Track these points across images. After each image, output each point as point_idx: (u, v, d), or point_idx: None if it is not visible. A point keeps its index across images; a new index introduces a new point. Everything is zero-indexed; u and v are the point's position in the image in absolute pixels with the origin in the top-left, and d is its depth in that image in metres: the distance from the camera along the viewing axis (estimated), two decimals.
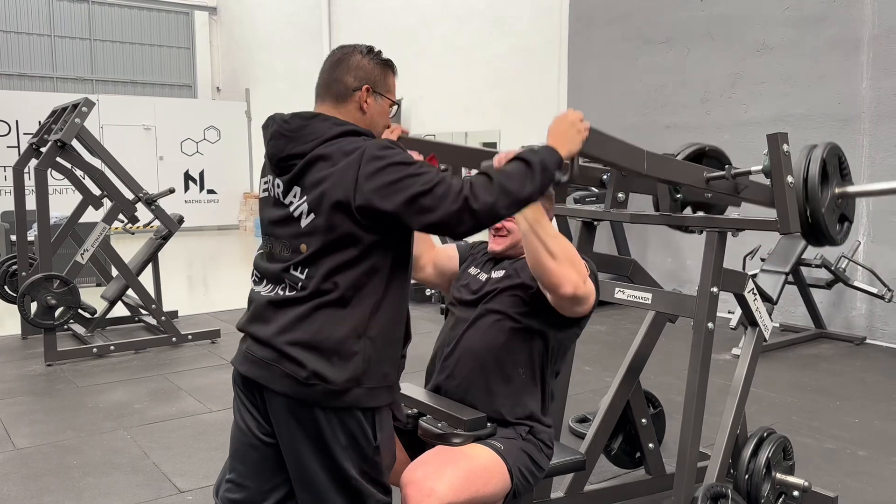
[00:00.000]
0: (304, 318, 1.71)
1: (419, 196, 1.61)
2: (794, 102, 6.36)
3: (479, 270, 2.25)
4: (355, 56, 1.85)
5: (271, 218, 1.81)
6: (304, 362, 1.69)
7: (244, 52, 15.44)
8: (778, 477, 2.75)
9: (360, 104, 1.81)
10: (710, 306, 2.40)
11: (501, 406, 2.09)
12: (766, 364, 5.23)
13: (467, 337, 2.15)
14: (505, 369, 2.09)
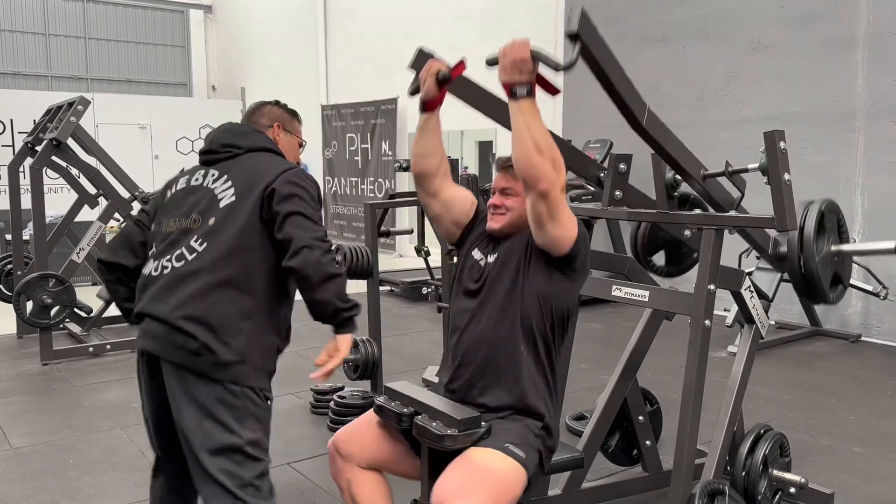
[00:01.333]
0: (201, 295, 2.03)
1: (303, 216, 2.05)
2: (790, 100, 6.37)
3: (480, 255, 2.25)
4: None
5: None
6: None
7: (240, 51, 15.41)
8: (775, 474, 2.76)
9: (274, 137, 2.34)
10: (708, 304, 2.40)
11: (512, 394, 2.11)
12: (762, 361, 5.24)
13: (471, 328, 2.17)
14: (510, 354, 2.11)
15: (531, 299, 2.10)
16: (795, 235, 2.55)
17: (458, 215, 2.32)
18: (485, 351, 2.14)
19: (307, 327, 6.41)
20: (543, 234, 2.03)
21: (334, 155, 12.30)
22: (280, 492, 3.16)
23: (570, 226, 2.03)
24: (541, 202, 1.95)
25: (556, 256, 2.07)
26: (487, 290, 2.18)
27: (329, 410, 3.96)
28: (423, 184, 2.28)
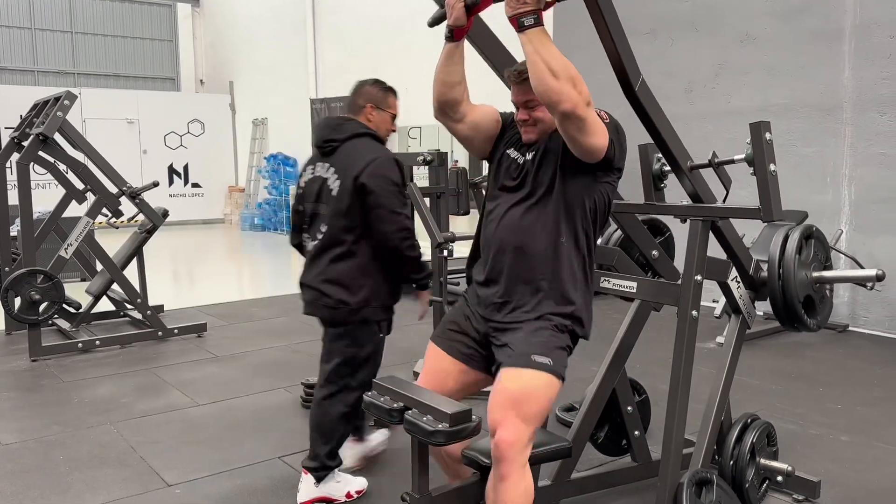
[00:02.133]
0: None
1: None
2: (777, 92, 6.40)
3: (517, 153, 2.29)
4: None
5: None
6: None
7: (228, 45, 15.33)
8: (762, 462, 2.79)
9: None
10: (695, 294, 2.42)
11: (549, 281, 2.18)
12: (750, 352, 5.28)
13: (511, 219, 2.23)
14: (551, 244, 2.18)
15: (573, 193, 2.17)
16: (776, 260, 2.58)
17: (487, 132, 2.36)
18: (524, 239, 2.20)
19: (297, 322, 6.44)
20: (577, 147, 2.07)
21: None
22: (271, 485, 3.18)
23: (601, 133, 2.05)
24: (567, 122, 1.97)
25: (593, 163, 2.12)
26: (528, 184, 2.23)
27: None
28: (449, 112, 2.29)
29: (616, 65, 2.21)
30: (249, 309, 6.89)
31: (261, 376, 4.77)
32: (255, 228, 13.85)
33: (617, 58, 2.19)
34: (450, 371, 2.36)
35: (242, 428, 3.87)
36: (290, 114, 13.26)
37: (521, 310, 2.22)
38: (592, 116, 2.00)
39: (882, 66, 5.75)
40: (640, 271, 3.06)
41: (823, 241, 2.67)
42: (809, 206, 6.00)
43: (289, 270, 10.31)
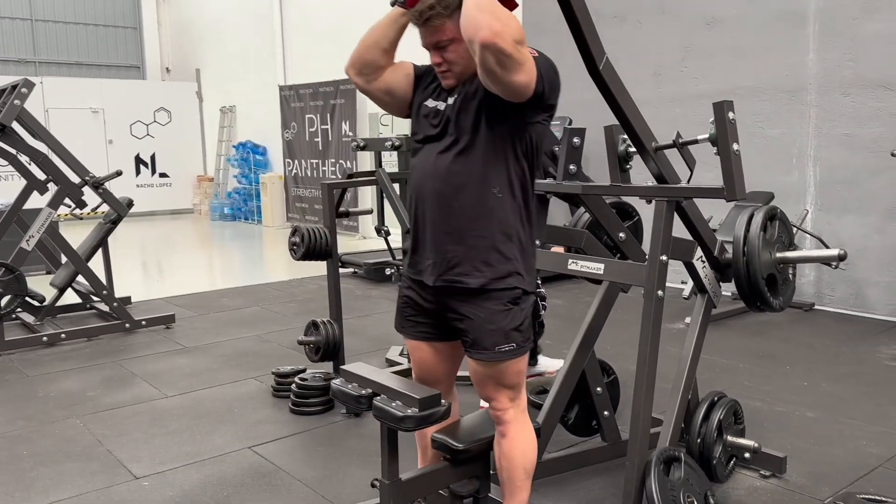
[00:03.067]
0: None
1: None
2: (743, 75, 6.45)
3: (435, 102, 2.17)
4: None
5: None
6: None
7: (194, 32, 15.05)
8: (729, 439, 2.82)
9: None
10: (660, 274, 2.43)
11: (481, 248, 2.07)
12: (718, 332, 5.35)
13: (436, 171, 2.10)
14: (479, 196, 2.06)
15: (500, 137, 2.04)
16: (741, 240, 2.59)
17: (403, 94, 2.24)
18: (452, 192, 2.07)
19: (268, 311, 6.38)
20: (499, 86, 1.90)
21: (294, 137, 12.14)
22: (241, 475, 3.15)
23: (527, 70, 1.90)
24: (487, 54, 1.81)
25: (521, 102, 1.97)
26: (450, 132, 2.10)
27: (291, 393, 3.94)
28: (367, 73, 2.18)
29: (580, 43, 2.20)
30: (219, 299, 6.82)
31: (231, 367, 4.72)
32: (225, 218, 13.68)
33: (580, 36, 2.18)
34: (432, 356, 2.33)
35: (212, 419, 3.83)
36: (258, 101, 13.08)
37: (456, 270, 2.09)
38: (518, 52, 1.84)
39: (845, 47, 5.81)
40: (608, 254, 3.07)
41: (786, 221, 2.70)
42: (775, 187, 6.06)
43: (260, 260, 10.22)
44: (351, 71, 2.21)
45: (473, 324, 2.11)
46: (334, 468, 3.20)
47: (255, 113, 13.40)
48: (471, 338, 2.14)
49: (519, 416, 2.24)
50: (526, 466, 2.25)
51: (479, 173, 2.06)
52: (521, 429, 2.24)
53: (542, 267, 2.82)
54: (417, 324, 2.29)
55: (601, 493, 2.95)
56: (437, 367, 2.33)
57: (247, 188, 13.35)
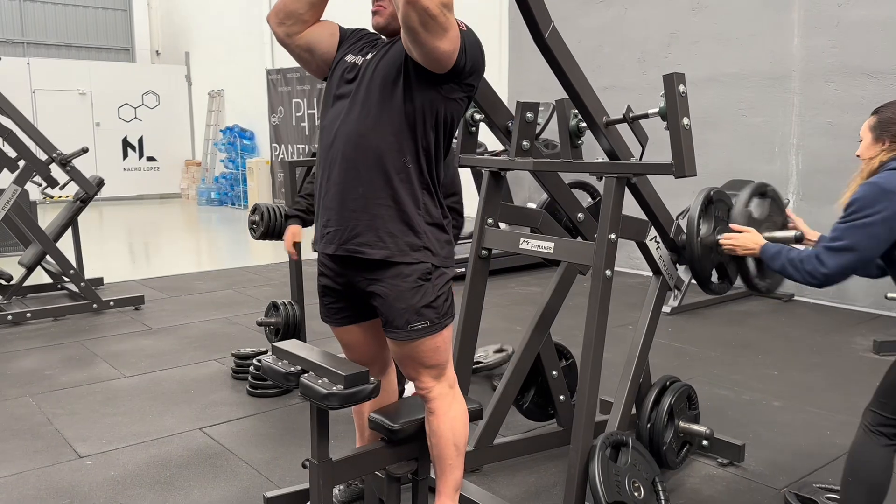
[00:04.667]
0: None
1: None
2: (728, 61, 6.35)
3: (353, 57, 2.07)
4: None
5: None
6: None
7: (183, 15, 14.90)
8: (681, 425, 2.75)
9: None
10: (608, 253, 2.34)
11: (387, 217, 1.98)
12: (693, 321, 5.28)
13: (346, 130, 1.99)
14: (387, 163, 1.95)
15: (416, 103, 1.93)
16: (693, 221, 2.52)
17: (324, 53, 2.12)
18: (360, 155, 1.96)
19: (241, 295, 6.29)
20: (419, 49, 1.82)
21: (280, 121, 12.03)
22: (187, 456, 3.08)
23: (451, 39, 1.82)
24: (411, 9, 1.72)
25: (441, 73, 1.89)
26: (364, 88, 1.97)
27: (249, 375, 3.86)
28: (289, 24, 2.04)
29: (523, 9, 2.12)
30: (193, 282, 6.73)
31: (194, 348, 4.64)
32: (212, 203, 13.57)
33: (525, 3, 2.09)
34: (358, 336, 2.27)
35: (167, 399, 3.75)
36: (246, 85, 12.96)
37: (357, 240, 1.99)
38: (444, 15, 1.75)
39: (830, 34, 5.72)
40: (566, 234, 2.99)
41: (730, 204, 2.62)
42: (758, 175, 5.96)
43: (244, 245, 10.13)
44: (273, 20, 2.07)
45: (385, 302, 2.04)
46: (283, 451, 3.13)
47: (242, 97, 13.29)
48: (384, 317, 2.07)
49: (445, 392, 2.16)
50: (457, 443, 2.17)
51: (389, 140, 1.96)
52: (448, 404, 2.16)
53: (494, 246, 2.74)
54: (338, 310, 2.21)
55: (553, 479, 2.88)
56: (365, 347, 2.27)
57: (234, 173, 13.24)
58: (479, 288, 2.77)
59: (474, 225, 2.77)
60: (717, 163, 6.18)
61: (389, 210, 1.98)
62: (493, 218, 2.77)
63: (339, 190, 2.01)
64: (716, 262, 2.62)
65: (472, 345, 2.83)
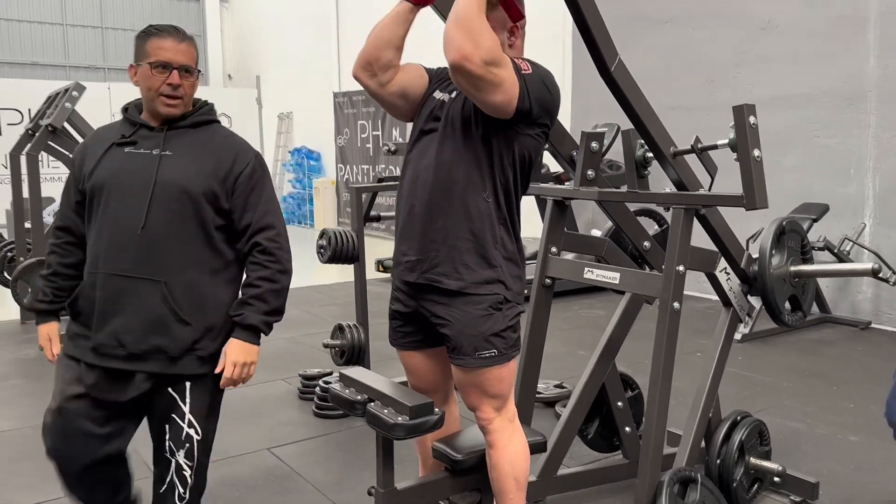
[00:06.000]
0: None
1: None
2: (800, 81, 6.19)
3: (441, 94, 2.13)
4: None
5: None
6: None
7: (255, 40, 15.42)
8: (752, 461, 2.68)
9: (133, 82, 2.10)
10: (677, 285, 2.32)
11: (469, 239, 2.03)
12: (764, 349, 5.13)
13: (429, 164, 2.05)
14: (467, 197, 2.01)
15: (494, 140, 2.00)
16: (766, 254, 2.48)
17: (417, 95, 2.16)
18: (442, 190, 2.03)
19: (307, 314, 6.42)
20: (480, 104, 1.91)
21: (346, 142, 12.28)
22: (256, 476, 3.15)
23: (504, 90, 1.87)
24: (457, 75, 1.83)
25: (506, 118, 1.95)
26: (448, 126, 2.05)
27: (315, 396, 3.94)
28: (377, 72, 2.07)
29: (589, 45, 2.13)
30: None
31: (262, 367, 4.71)
32: None
33: (589, 37, 2.10)
34: (423, 363, 2.29)
35: (236, 418, 3.85)
36: (313, 107, 13.30)
37: (436, 270, 2.04)
38: (494, 75, 1.81)
39: None
40: (631, 263, 2.97)
41: (804, 236, 2.56)
42: (831, 198, 5.80)
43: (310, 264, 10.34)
44: (362, 74, 2.09)
45: (453, 328, 2.06)
46: (348, 474, 3.18)
47: (310, 119, 13.63)
48: (452, 343, 2.09)
49: (506, 426, 2.17)
50: (517, 477, 2.17)
51: (469, 176, 2.02)
52: (509, 438, 2.17)
53: (558, 275, 2.74)
54: (405, 334, 2.25)
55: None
56: (429, 374, 2.28)
57: (301, 192, 13.57)
58: (542, 317, 2.77)
59: (538, 253, 2.77)
60: (788, 185, 6.02)
61: (467, 243, 2.03)
62: (556, 246, 2.77)
63: (421, 221, 2.07)
64: (788, 293, 2.56)
65: (536, 373, 2.82)
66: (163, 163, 2.02)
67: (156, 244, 2.00)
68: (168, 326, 2.01)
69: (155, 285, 1.99)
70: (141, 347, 2.01)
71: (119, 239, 1.99)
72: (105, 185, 2.00)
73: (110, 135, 2.08)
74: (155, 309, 2.00)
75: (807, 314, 2.61)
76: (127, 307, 2.00)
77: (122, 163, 2.02)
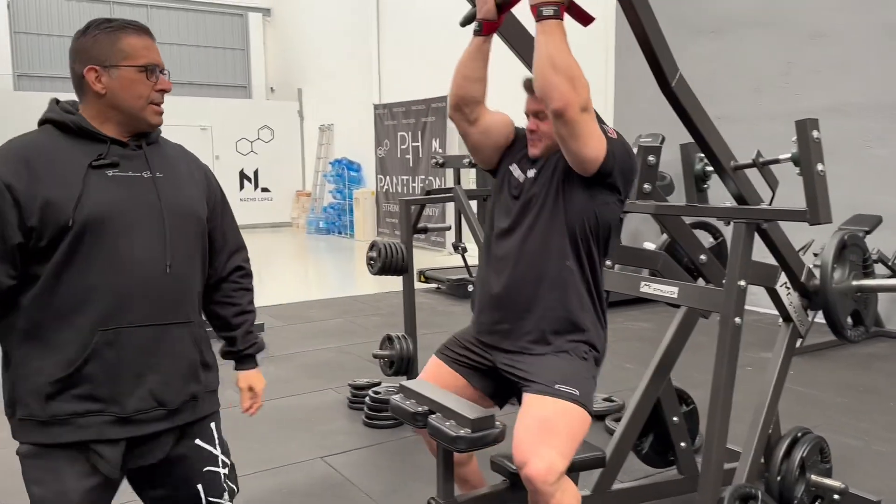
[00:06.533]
0: None
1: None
2: (851, 91, 6.09)
3: (519, 171, 2.20)
4: (78, 39, 1.67)
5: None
6: None
7: (296, 53, 15.67)
8: (813, 479, 2.64)
9: (93, 89, 1.64)
10: (738, 300, 2.30)
11: (558, 308, 2.09)
12: (815, 363, 5.04)
13: (512, 243, 2.14)
14: (556, 267, 2.09)
15: (574, 212, 2.08)
16: (828, 268, 2.45)
17: (497, 140, 2.26)
18: (527, 263, 2.11)
19: (352, 324, 6.49)
20: (568, 153, 1.99)
21: (386, 153, 12.39)
22: (310, 486, 3.20)
23: (595, 143, 1.96)
24: (559, 122, 1.90)
25: (588, 176, 2.03)
26: (528, 204, 2.14)
27: (365, 406, 3.98)
28: (465, 110, 2.18)
29: (651, 60, 2.14)
30: (307, 311, 7.00)
31: (311, 377, 4.83)
32: (320, 231, 14.10)
33: (651, 52, 2.11)
34: (447, 383, 2.28)
35: (289, 427, 3.92)
36: (354, 119, 13.45)
37: (527, 338, 2.12)
38: (587, 122, 1.91)
39: None
40: (687, 277, 2.95)
41: (866, 250, 2.53)
42: (885, 210, 5.68)
43: (349, 273, 10.45)
44: (456, 115, 2.21)
45: (532, 367, 2.08)
46: (400, 483, 3.20)
47: (350, 131, 13.79)
48: (528, 376, 2.07)
49: (557, 486, 1.94)
50: None
51: (555, 246, 2.09)
52: (560, 500, 1.95)
53: (614, 289, 2.74)
54: (460, 355, 2.27)
55: None
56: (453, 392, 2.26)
57: (341, 203, 13.72)
58: None
59: None
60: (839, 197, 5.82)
61: (556, 311, 2.09)
62: (611, 260, 2.78)
63: (509, 292, 2.14)
64: (850, 308, 2.53)
65: None
66: (160, 187, 1.70)
67: (182, 282, 1.73)
68: (197, 371, 1.79)
69: (186, 328, 1.74)
70: (180, 400, 1.74)
71: (141, 283, 1.64)
72: (106, 218, 1.59)
73: (66, 153, 1.62)
74: (189, 355, 1.76)
75: (869, 329, 2.57)
76: (163, 360, 1.69)
77: (116, 190, 1.63)
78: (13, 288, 1.60)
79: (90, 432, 1.62)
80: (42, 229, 1.56)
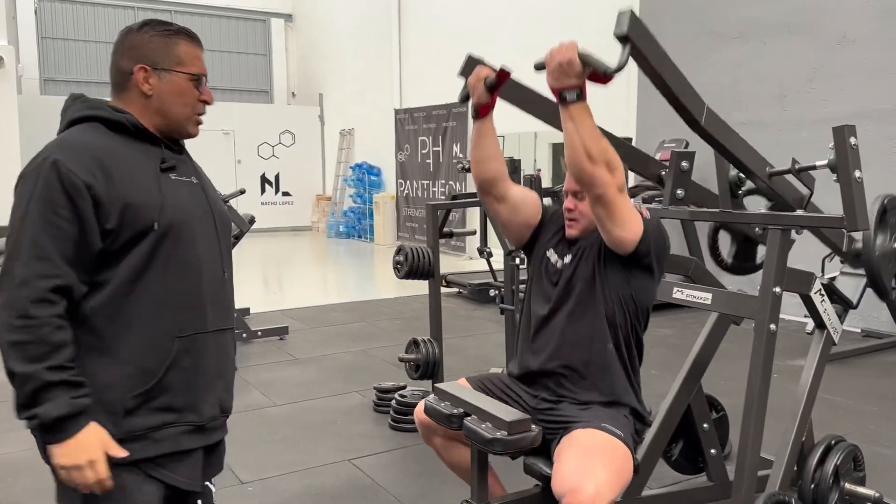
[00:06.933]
0: None
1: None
2: (878, 97, 6.04)
3: (556, 257, 2.26)
4: (129, 35, 1.62)
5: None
6: None
7: (318, 58, 15.78)
8: (847, 487, 2.62)
9: (140, 88, 1.60)
10: (773, 307, 2.30)
11: (602, 392, 2.15)
12: (845, 371, 4.99)
13: (552, 329, 2.20)
14: (598, 352, 2.15)
15: (611, 297, 2.13)
16: (871, 233, 2.43)
17: (526, 217, 2.32)
18: (567, 350, 2.17)
19: (374, 327, 6.52)
20: (607, 234, 2.05)
21: (407, 158, 12.44)
22: (339, 488, 3.22)
23: (633, 225, 2.03)
24: (598, 205, 1.98)
25: (624, 256, 2.09)
26: (565, 291, 2.20)
27: (391, 409, 4.00)
28: (489, 189, 2.26)
29: (676, 105, 2.13)
30: (330, 314, 7.04)
31: (336, 380, 4.85)
32: (340, 235, 14.17)
33: (674, 99, 2.10)
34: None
35: (315, 429, 3.94)
36: (374, 124, 13.52)
37: (572, 422, 2.11)
38: (623, 204, 1.97)
39: None
40: (718, 283, 2.95)
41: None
42: None
43: (370, 277, 10.50)
44: (486, 198, 2.29)
45: (576, 412, 2.13)
46: (428, 486, 3.22)
47: (371, 135, 13.86)
48: (572, 420, 2.09)
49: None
50: None
51: (593, 332, 2.14)
52: None
53: None
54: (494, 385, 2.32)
55: None
56: None
57: (361, 207, 13.79)
58: None
59: None
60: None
61: (594, 394, 2.15)
62: None
63: (551, 374, 2.19)
64: (894, 271, 2.52)
65: None
66: (206, 192, 1.72)
67: (231, 287, 1.75)
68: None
69: (231, 334, 1.74)
70: (231, 407, 1.74)
71: (209, 288, 1.63)
72: (182, 223, 1.57)
73: (130, 153, 1.56)
74: (233, 361, 1.76)
75: None
76: (227, 366, 1.71)
77: (184, 194, 1.62)
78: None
79: (164, 445, 1.55)
80: (119, 233, 1.49)
